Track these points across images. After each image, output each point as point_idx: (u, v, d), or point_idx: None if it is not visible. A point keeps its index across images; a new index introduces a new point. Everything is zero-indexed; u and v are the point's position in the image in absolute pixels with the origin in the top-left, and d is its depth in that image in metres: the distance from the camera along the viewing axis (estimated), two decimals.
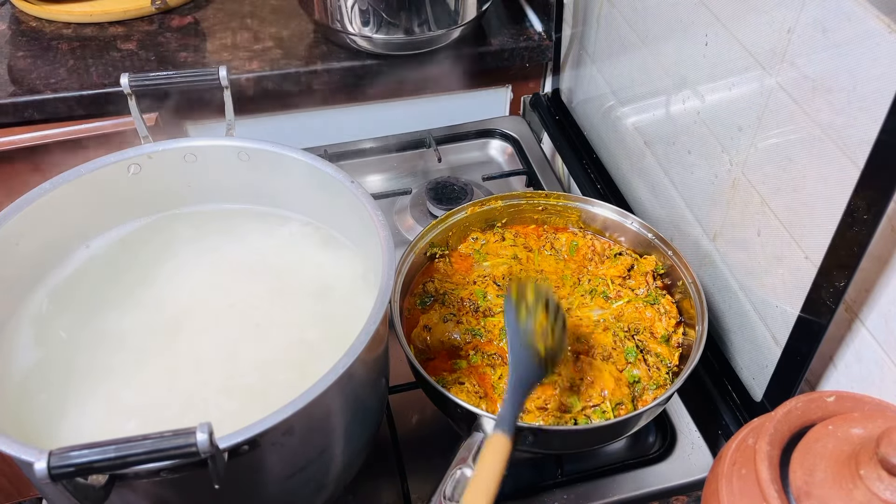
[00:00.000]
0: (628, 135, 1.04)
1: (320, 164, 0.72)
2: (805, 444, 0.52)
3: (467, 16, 1.13)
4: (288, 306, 0.72)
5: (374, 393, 0.67)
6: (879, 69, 0.56)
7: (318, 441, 0.60)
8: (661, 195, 0.97)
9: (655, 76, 0.93)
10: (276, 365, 0.67)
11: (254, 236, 0.77)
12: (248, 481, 0.56)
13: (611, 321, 0.78)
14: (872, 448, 0.47)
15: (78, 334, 0.69)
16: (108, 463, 0.44)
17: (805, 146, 0.66)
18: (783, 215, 0.71)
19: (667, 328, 0.78)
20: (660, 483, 0.76)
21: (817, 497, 0.49)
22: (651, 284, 0.82)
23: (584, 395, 0.71)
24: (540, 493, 0.75)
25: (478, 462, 0.56)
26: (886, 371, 0.62)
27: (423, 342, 0.77)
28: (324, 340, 0.69)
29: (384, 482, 0.76)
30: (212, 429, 0.45)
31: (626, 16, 0.98)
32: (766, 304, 0.77)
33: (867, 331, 0.63)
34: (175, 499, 0.55)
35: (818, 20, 0.62)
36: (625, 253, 0.85)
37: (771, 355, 0.76)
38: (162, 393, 0.65)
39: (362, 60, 1.16)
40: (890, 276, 0.59)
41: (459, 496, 0.60)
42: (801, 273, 0.69)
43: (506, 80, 1.28)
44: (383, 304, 0.59)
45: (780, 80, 0.68)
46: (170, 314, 0.71)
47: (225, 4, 1.29)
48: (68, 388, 0.65)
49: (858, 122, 0.59)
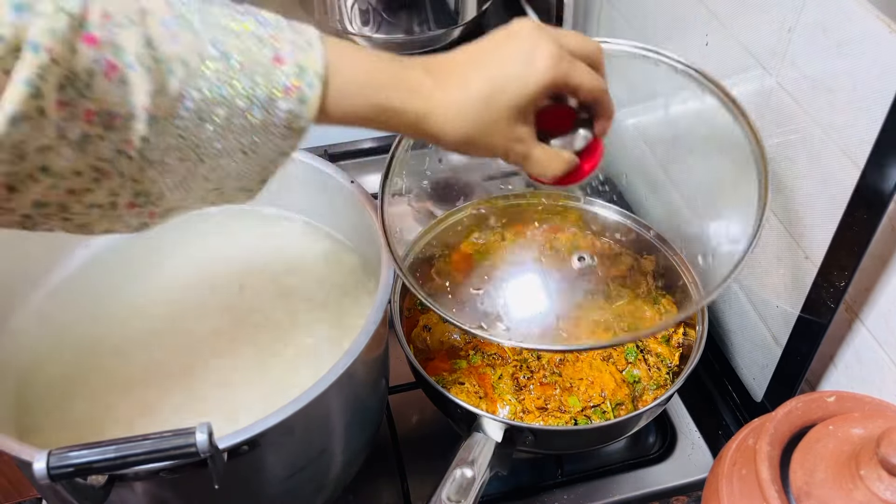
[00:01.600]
0: (628, 135, 1.03)
1: (320, 164, 0.72)
2: (805, 444, 0.52)
3: (467, 15, 1.13)
4: (287, 306, 0.72)
5: (374, 393, 0.67)
6: (880, 69, 0.56)
7: (317, 441, 0.60)
8: (662, 195, 0.96)
9: None
10: (275, 365, 0.67)
11: (253, 236, 0.77)
12: (247, 481, 0.56)
13: (611, 321, 0.78)
14: (873, 448, 0.47)
15: (78, 334, 0.69)
16: (107, 463, 0.44)
17: (805, 146, 0.66)
18: (783, 215, 0.71)
19: None
20: (660, 483, 0.76)
21: (817, 497, 0.49)
22: (651, 284, 0.82)
23: (584, 395, 0.71)
24: (540, 493, 0.75)
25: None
26: (886, 371, 0.62)
27: (423, 342, 0.77)
28: (323, 341, 0.69)
29: (384, 482, 0.76)
30: (211, 429, 0.45)
31: (626, 16, 0.98)
32: (766, 304, 0.77)
33: (867, 331, 0.63)
34: (175, 499, 0.55)
35: (818, 20, 0.61)
36: (625, 253, 0.85)
37: (771, 355, 0.76)
38: (162, 393, 0.65)
39: None
40: (890, 275, 0.59)
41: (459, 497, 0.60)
42: (802, 273, 0.69)
43: None
44: (383, 304, 0.59)
45: (781, 80, 0.68)
46: (170, 314, 0.71)
47: None
48: (68, 389, 0.65)
49: (859, 122, 0.59)
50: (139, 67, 0.38)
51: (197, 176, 0.44)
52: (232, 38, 0.42)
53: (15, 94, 0.35)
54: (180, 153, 0.42)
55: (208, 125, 0.42)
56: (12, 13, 0.35)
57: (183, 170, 0.43)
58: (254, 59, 0.42)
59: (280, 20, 0.45)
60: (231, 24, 0.42)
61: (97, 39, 0.37)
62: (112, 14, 0.38)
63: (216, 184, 0.46)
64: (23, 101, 0.35)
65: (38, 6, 0.35)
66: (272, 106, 0.43)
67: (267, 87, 0.43)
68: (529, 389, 0.71)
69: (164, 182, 0.43)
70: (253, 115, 0.43)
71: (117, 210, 0.43)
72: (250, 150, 0.44)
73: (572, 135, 0.55)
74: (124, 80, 0.38)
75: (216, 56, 0.41)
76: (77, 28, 0.36)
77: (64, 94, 0.37)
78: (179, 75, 0.40)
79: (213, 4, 0.42)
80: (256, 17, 0.44)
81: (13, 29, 0.35)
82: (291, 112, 0.44)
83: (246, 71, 0.42)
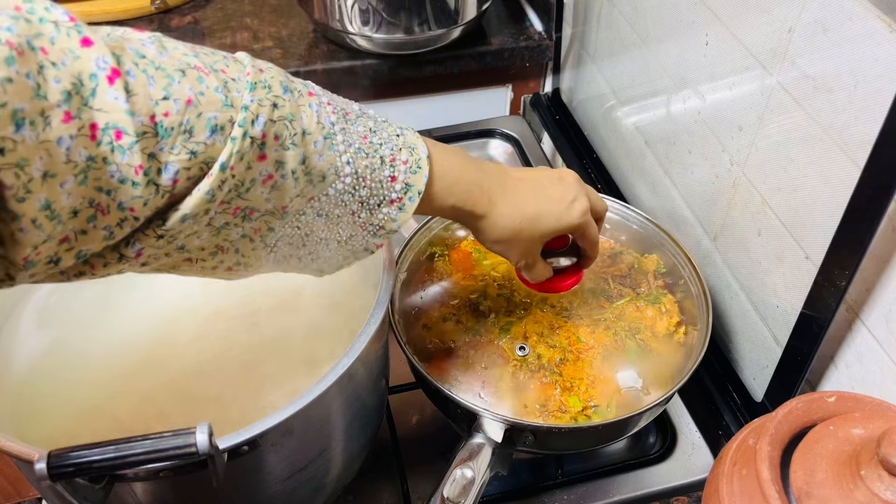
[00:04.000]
0: (629, 134, 1.04)
1: None
2: (806, 444, 0.52)
3: (467, 15, 1.13)
4: (286, 307, 0.72)
5: (374, 393, 0.67)
6: (880, 69, 0.56)
7: (317, 441, 0.60)
8: (662, 195, 0.96)
9: (656, 76, 0.93)
10: (275, 366, 0.67)
11: None
12: (247, 482, 0.56)
13: (612, 320, 0.78)
14: (873, 448, 0.47)
15: (79, 334, 0.69)
16: (107, 463, 0.44)
17: (806, 146, 0.66)
18: (784, 215, 0.71)
19: (668, 327, 0.78)
20: (660, 483, 0.76)
21: (818, 497, 0.49)
22: (652, 283, 0.82)
23: (584, 395, 0.71)
24: (540, 493, 0.75)
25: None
26: (887, 371, 0.62)
27: (422, 342, 0.77)
28: (323, 341, 0.69)
29: (384, 482, 0.76)
30: (211, 429, 0.45)
31: (627, 15, 0.98)
32: (766, 303, 0.77)
33: (868, 331, 0.63)
34: (175, 499, 0.55)
35: (819, 19, 0.61)
36: (626, 252, 0.85)
37: (772, 355, 0.76)
38: (162, 393, 0.65)
39: (362, 60, 1.16)
40: (890, 275, 0.59)
41: (459, 497, 0.60)
42: (802, 273, 0.69)
43: (506, 79, 1.28)
44: (383, 304, 0.60)
45: (781, 80, 0.68)
46: (170, 314, 0.71)
47: (224, 4, 1.29)
48: (69, 388, 0.65)
49: (859, 122, 0.59)
50: (290, 178, 0.46)
51: (293, 257, 0.52)
52: (362, 157, 0.50)
53: (195, 200, 0.41)
54: (291, 240, 0.50)
55: (323, 220, 0.51)
56: (210, 135, 0.41)
57: (286, 252, 0.51)
58: (375, 177, 0.51)
59: (401, 139, 0.53)
60: (364, 146, 0.50)
61: (267, 157, 0.44)
62: (282, 138, 0.44)
63: (304, 265, 0.54)
64: (199, 205, 0.41)
65: (229, 130, 0.41)
66: (377, 210, 0.53)
67: (378, 197, 0.52)
68: (529, 389, 0.71)
69: (267, 259, 0.50)
70: (360, 216, 0.52)
71: (215, 272, 0.49)
72: (345, 242, 0.54)
73: (563, 258, 0.71)
74: (277, 187, 0.45)
75: (349, 172, 0.49)
76: (256, 150, 0.43)
77: (227, 197, 0.43)
78: (316, 184, 0.48)
79: (351, 122, 0.50)
80: (385, 139, 0.52)
81: (205, 147, 0.40)
82: (389, 216, 0.53)
83: (366, 184, 0.51)
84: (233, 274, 0.50)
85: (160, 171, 0.39)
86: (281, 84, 0.45)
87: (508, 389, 0.71)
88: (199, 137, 0.40)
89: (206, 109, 0.40)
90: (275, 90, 0.44)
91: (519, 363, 0.73)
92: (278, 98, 0.44)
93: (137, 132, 0.37)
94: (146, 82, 0.38)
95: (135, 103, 0.37)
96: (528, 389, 0.71)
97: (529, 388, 0.72)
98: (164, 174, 0.39)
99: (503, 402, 0.70)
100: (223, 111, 0.41)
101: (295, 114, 0.45)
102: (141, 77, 0.38)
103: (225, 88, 0.42)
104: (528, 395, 0.71)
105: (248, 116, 0.42)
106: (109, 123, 0.37)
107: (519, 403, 0.70)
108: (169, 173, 0.39)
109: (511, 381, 0.72)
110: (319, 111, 0.47)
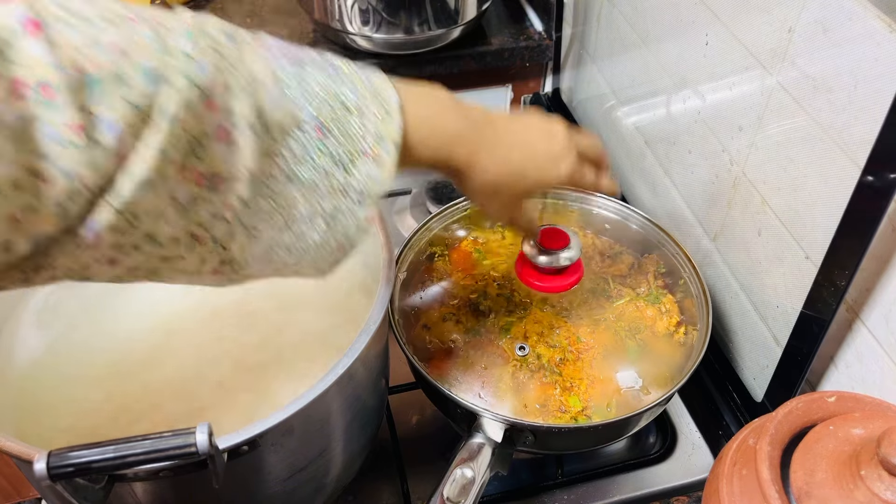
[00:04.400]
0: (629, 134, 1.04)
1: None
2: (806, 444, 0.52)
3: (467, 15, 1.13)
4: (286, 307, 0.72)
5: (374, 393, 0.67)
6: (880, 69, 0.56)
7: (317, 441, 0.60)
8: (662, 195, 0.96)
9: (656, 76, 0.93)
10: (274, 366, 0.67)
11: None
12: (247, 482, 0.56)
13: (612, 320, 0.78)
14: (873, 448, 0.47)
15: (79, 333, 0.69)
16: (107, 463, 0.44)
17: (806, 146, 0.66)
18: (784, 215, 0.71)
19: (668, 327, 0.78)
20: (660, 483, 0.76)
21: (818, 497, 0.49)
22: (652, 283, 0.82)
23: (584, 394, 0.71)
24: (540, 493, 0.75)
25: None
26: (887, 371, 0.62)
27: (422, 342, 0.77)
28: (323, 341, 0.69)
29: (384, 482, 0.76)
30: (211, 429, 0.45)
31: (627, 15, 0.98)
32: (766, 303, 0.77)
33: (868, 331, 0.63)
34: (175, 499, 0.55)
35: (819, 20, 0.61)
36: (626, 252, 0.85)
37: (772, 355, 0.76)
38: (161, 392, 0.65)
39: (362, 60, 1.15)
40: (891, 275, 0.59)
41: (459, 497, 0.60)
42: (802, 273, 0.69)
43: (506, 79, 1.28)
44: (383, 304, 0.59)
45: (781, 80, 0.68)
46: (170, 314, 0.71)
47: (224, 4, 1.29)
48: (70, 388, 0.65)
49: (859, 122, 0.59)
50: (248, 131, 0.42)
51: (280, 246, 0.48)
52: (326, 107, 0.46)
53: (149, 159, 0.37)
54: (270, 218, 0.46)
55: (296, 187, 0.46)
56: (149, 84, 0.37)
57: (269, 238, 0.46)
58: (342, 129, 0.47)
59: (366, 86, 0.48)
60: (324, 94, 0.46)
61: (216, 107, 0.40)
62: (231, 86, 0.41)
63: (296, 257, 0.49)
64: (155, 167, 0.38)
65: (172, 78, 0.38)
66: (351, 168, 0.47)
67: (349, 151, 0.47)
68: (529, 389, 0.71)
69: (251, 251, 0.46)
70: (336, 178, 0.47)
71: (202, 276, 0.46)
72: (330, 218, 0.48)
73: (563, 258, 0.70)
74: (234, 143, 0.41)
75: (311, 122, 0.45)
76: (204, 99, 0.39)
77: (184, 158, 0.39)
78: (278, 137, 0.44)
79: (308, 69, 0.46)
80: (349, 86, 0.48)
81: (147, 99, 0.37)
82: (369, 176, 0.48)
83: (334, 136, 0.46)
84: (222, 278, 0.47)
85: (99, 128, 0.36)
86: (223, 31, 0.42)
87: (508, 389, 0.71)
88: (136, 88, 0.37)
89: (139, 57, 0.37)
90: (216, 38, 0.41)
91: (519, 363, 0.73)
92: (221, 45, 0.41)
93: (67, 85, 0.35)
94: (70, 33, 0.36)
95: (59, 55, 0.35)
96: (528, 389, 0.71)
97: (529, 388, 0.72)
98: (106, 131, 0.36)
99: (503, 402, 0.70)
100: (159, 58, 0.38)
101: (242, 60, 0.42)
102: (64, 28, 0.36)
103: (158, 36, 0.39)
104: (527, 395, 0.71)
105: (190, 64, 0.39)
106: (34, 78, 0.34)
107: (519, 403, 0.70)
108: (112, 130, 0.36)
109: (511, 380, 0.72)
110: (269, 58, 0.44)
